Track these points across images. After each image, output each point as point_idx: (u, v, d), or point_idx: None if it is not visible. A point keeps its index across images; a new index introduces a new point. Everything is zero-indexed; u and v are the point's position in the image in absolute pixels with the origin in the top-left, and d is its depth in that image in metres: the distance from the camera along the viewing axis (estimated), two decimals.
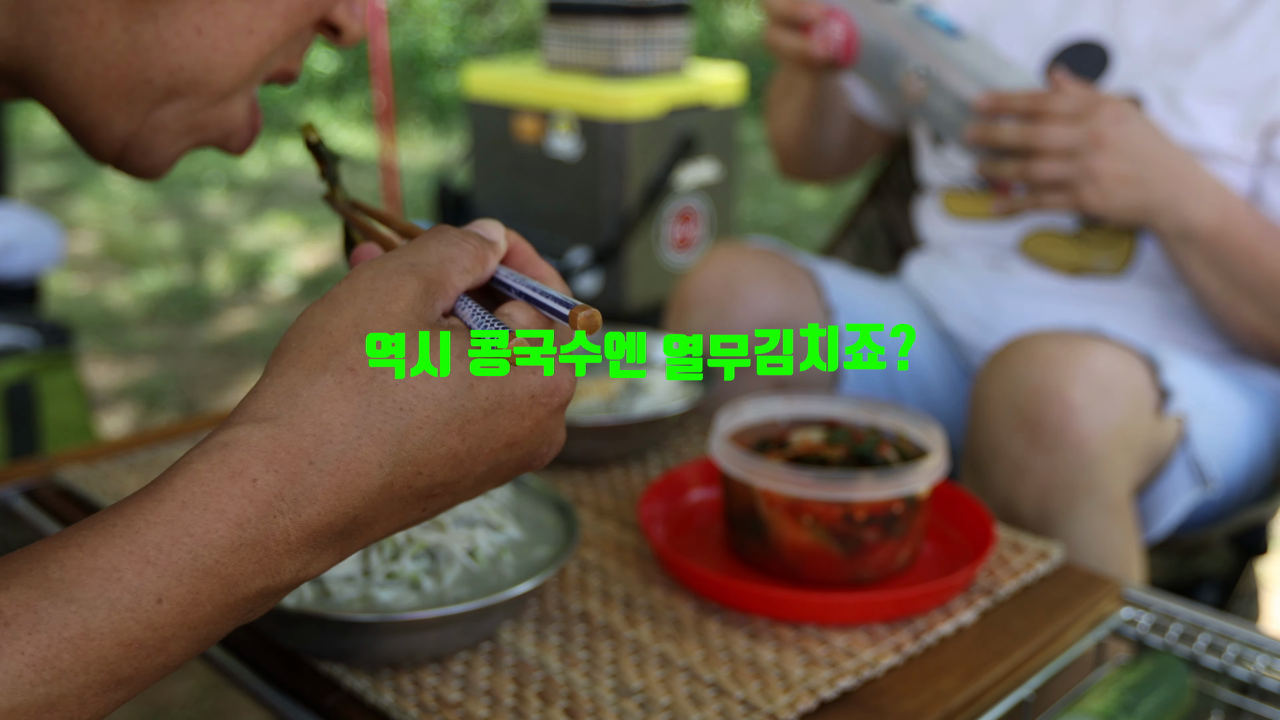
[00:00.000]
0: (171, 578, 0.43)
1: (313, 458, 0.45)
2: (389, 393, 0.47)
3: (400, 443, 0.47)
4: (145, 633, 0.42)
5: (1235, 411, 1.17)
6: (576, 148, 2.63)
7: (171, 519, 0.43)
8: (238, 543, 0.44)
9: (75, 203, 4.69)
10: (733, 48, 6.95)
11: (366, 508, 0.47)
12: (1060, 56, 1.25)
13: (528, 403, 0.50)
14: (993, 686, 0.79)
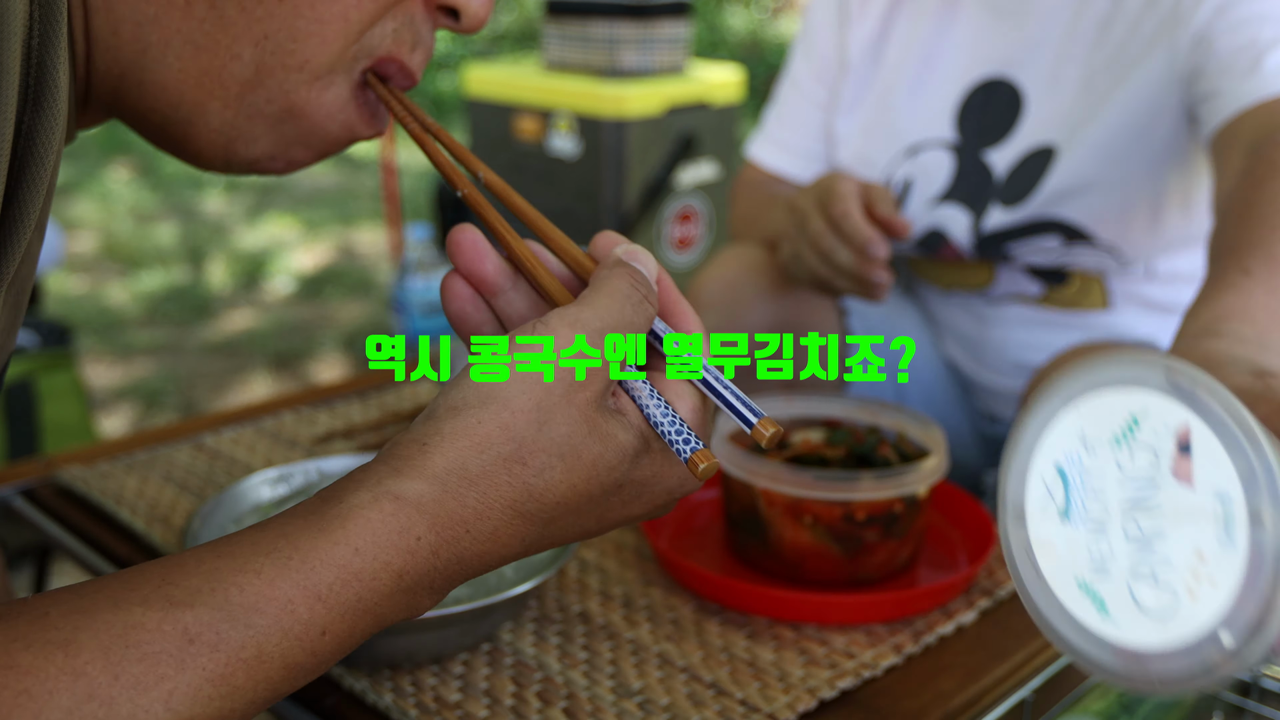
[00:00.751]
0: (337, 615, 0.47)
1: (470, 527, 0.49)
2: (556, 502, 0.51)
3: (545, 526, 0.51)
4: (308, 659, 0.47)
5: None
6: (576, 147, 2.63)
7: (344, 564, 0.47)
8: (396, 590, 0.48)
9: (75, 203, 4.69)
10: (733, 47, 6.95)
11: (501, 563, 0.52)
12: (970, 100, 1.22)
13: (664, 499, 0.54)
14: (993, 687, 0.79)
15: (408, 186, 4.78)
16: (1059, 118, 1.16)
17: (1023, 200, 1.17)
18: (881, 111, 1.29)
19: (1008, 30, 1.20)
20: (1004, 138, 1.19)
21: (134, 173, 5.18)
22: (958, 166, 1.22)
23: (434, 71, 6.71)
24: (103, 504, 0.99)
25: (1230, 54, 1.02)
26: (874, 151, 1.29)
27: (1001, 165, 1.20)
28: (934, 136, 1.24)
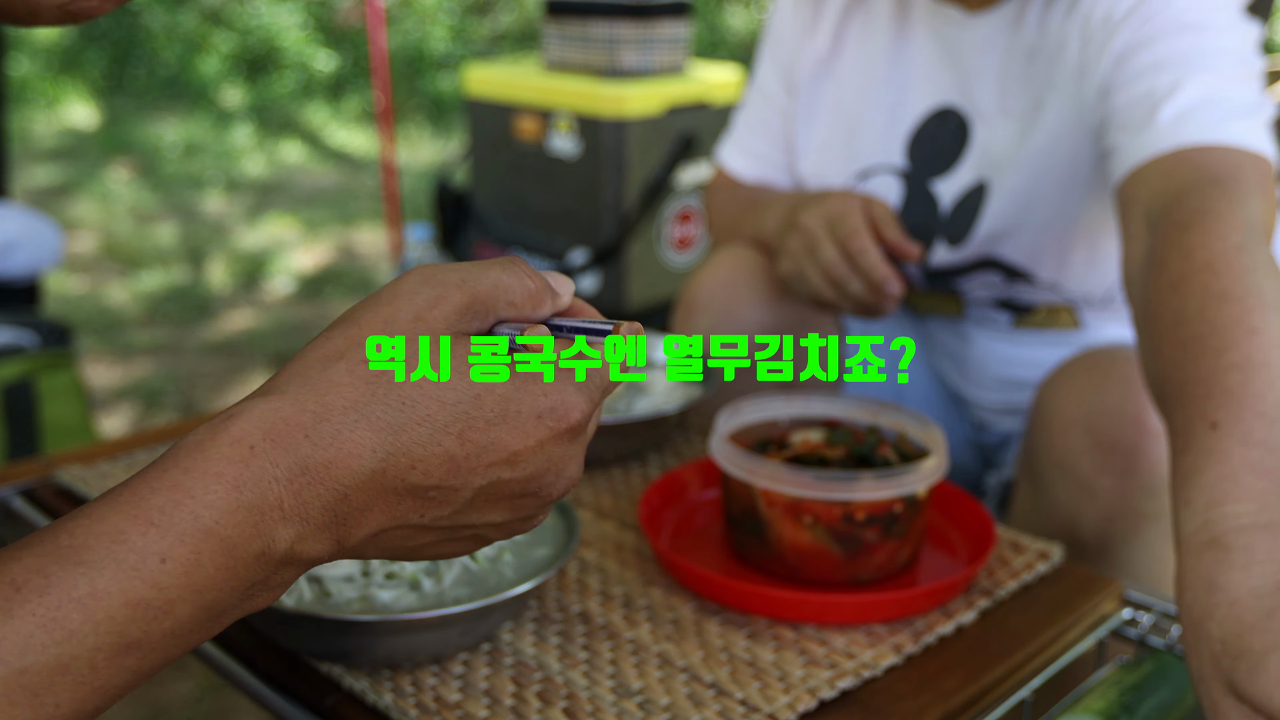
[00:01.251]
0: (174, 538, 0.44)
1: (309, 432, 0.47)
2: (395, 388, 0.49)
3: (396, 434, 0.48)
4: (151, 592, 0.44)
5: None
6: (576, 147, 2.63)
7: (174, 484, 0.45)
8: (235, 505, 0.46)
9: (74, 202, 4.69)
10: (733, 47, 6.95)
11: (357, 490, 0.48)
12: (922, 129, 1.20)
13: (533, 421, 0.51)
14: (993, 687, 0.79)
15: (408, 186, 4.78)
16: (994, 154, 1.15)
17: (963, 239, 1.16)
18: (836, 131, 1.27)
19: (956, 60, 1.18)
20: (950, 168, 1.18)
21: (134, 173, 5.19)
22: (906, 195, 1.21)
23: (434, 71, 6.71)
24: None
25: (1127, 107, 0.98)
26: (828, 171, 1.27)
27: (947, 197, 1.18)
28: (885, 162, 1.22)
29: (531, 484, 0.52)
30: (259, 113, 6.34)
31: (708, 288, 1.25)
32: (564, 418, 0.52)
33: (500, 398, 0.50)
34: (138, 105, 6.46)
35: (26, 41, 6.78)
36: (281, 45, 6.97)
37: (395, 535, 0.51)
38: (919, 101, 1.21)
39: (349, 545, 0.50)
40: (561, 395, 0.52)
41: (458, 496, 0.51)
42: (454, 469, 0.50)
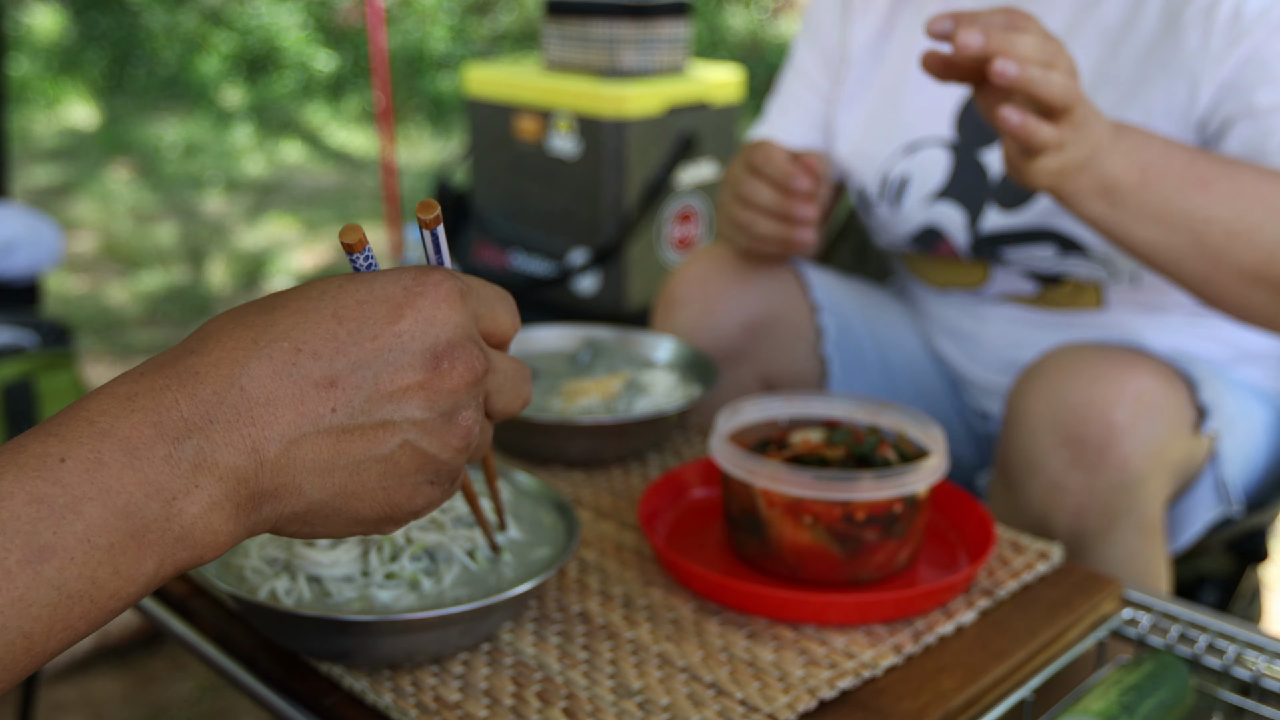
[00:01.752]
0: (71, 441, 0.46)
1: (192, 348, 0.51)
2: (265, 299, 0.53)
3: (270, 326, 0.51)
4: (54, 489, 0.45)
5: (1253, 420, 1.17)
6: (576, 147, 2.63)
7: (71, 408, 0.48)
8: (130, 410, 0.48)
9: (74, 202, 4.69)
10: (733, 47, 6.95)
11: (251, 380, 0.50)
12: (971, 102, 1.21)
13: (400, 294, 0.53)
14: (993, 687, 0.79)
15: (408, 186, 4.78)
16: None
17: (1021, 205, 1.17)
18: (883, 108, 1.29)
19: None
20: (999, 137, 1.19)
21: (134, 173, 5.18)
22: (954, 164, 1.22)
23: (434, 71, 6.71)
24: None
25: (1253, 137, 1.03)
26: (873, 147, 1.29)
27: (996, 165, 1.19)
28: (933, 134, 1.24)
29: (429, 359, 0.53)
30: (259, 113, 6.34)
31: (686, 284, 1.26)
32: (428, 283, 0.53)
33: (362, 281, 0.53)
34: (138, 105, 6.46)
35: (27, 41, 6.78)
36: (281, 45, 6.97)
37: (318, 445, 0.51)
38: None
39: (269, 453, 0.50)
40: (417, 270, 0.54)
41: (357, 379, 0.51)
42: (339, 347, 0.51)
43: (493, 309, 0.57)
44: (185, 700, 1.76)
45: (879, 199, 1.29)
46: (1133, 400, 0.97)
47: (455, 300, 0.54)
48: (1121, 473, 0.96)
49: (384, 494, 0.54)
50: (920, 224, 1.25)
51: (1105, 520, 0.98)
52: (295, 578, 0.78)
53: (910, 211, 1.25)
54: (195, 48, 7.03)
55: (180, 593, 0.87)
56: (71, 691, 1.77)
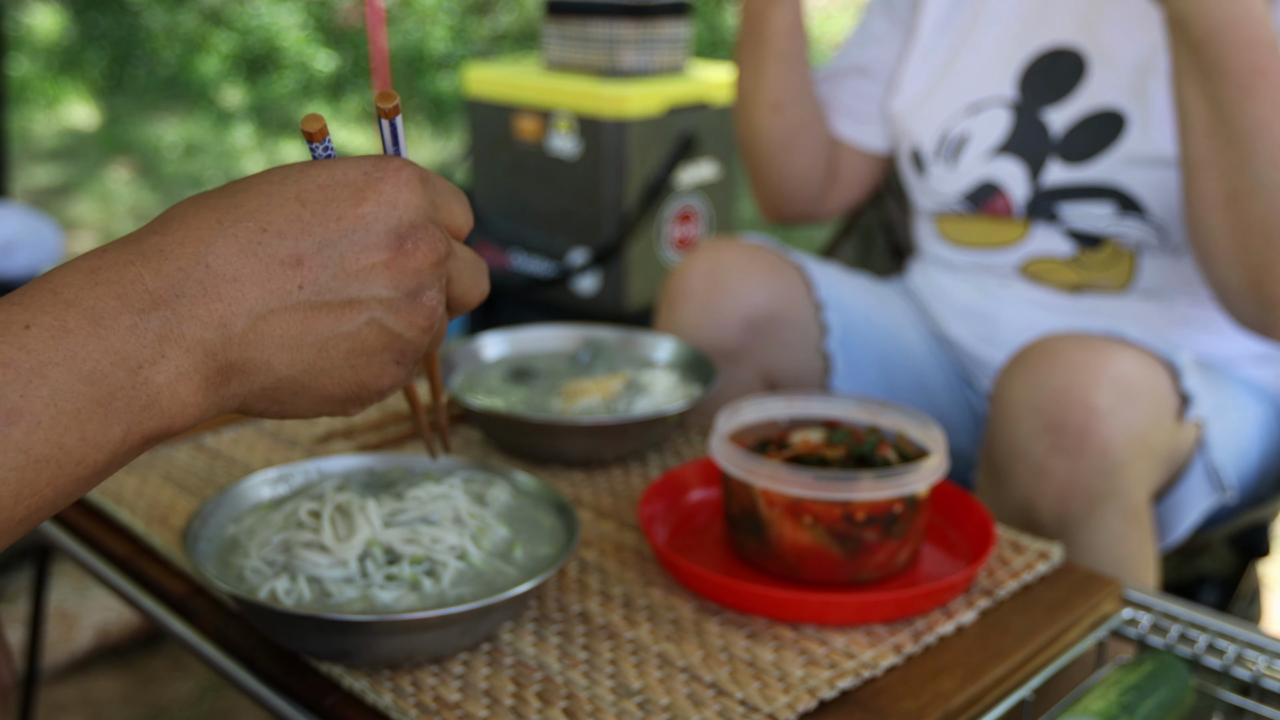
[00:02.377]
0: (36, 309, 0.47)
1: (155, 229, 0.51)
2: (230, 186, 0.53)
3: (235, 207, 0.52)
4: (19, 354, 0.45)
5: (1248, 413, 1.17)
6: (576, 147, 2.63)
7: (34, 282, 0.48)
8: (94, 282, 0.48)
9: (74, 202, 4.69)
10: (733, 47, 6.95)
11: (216, 257, 0.51)
12: (1035, 65, 1.24)
13: (362, 178, 0.54)
14: (993, 687, 0.79)
15: None
16: (1126, 85, 1.17)
17: (1087, 160, 1.19)
18: (946, 69, 1.32)
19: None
20: (1063, 98, 1.21)
21: (134, 173, 5.19)
22: (1015, 122, 1.24)
23: (434, 71, 6.71)
24: (102, 504, 0.99)
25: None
26: (934, 107, 1.31)
27: (1059, 123, 1.22)
28: (996, 94, 1.26)
29: (394, 239, 0.54)
30: (259, 113, 6.34)
31: (690, 278, 1.26)
32: (389, 167, 0.55)
33: (324, 166, 0.55)
34: (138, 105, 6.46)
35: (27, 41, 6.78)
36: (281, 45, 6.97)
37: (286, 320, 0.52)
38: (1032, 38, 1.25)
39: (237, 330, 0.51)
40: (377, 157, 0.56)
41: (325, 257, 0.53)
42: (304, 228, 0.52)
43: (449, 201, 0.58)
44: (185, 700, 1.76)
45: (935, 157, 1.30)
46: (1113, 385, 0.98)
47: (415, 185, 0.55)
48: (1103, 457, 0.97)
49: (351, 372, 0.55)
50: (977, 180, 1.26)
51: (1088, 505, 0.99)
52: (295, 578, 0.78)
53: (968, 167, 1.27)
54: (195, 48, 7.03)
55: (180, 593, 0.87)
56: (71, 692, 1.77)
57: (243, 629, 0.82)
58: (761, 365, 1.28)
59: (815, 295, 1.29)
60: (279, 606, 0.73)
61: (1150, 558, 1.04)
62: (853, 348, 1.31)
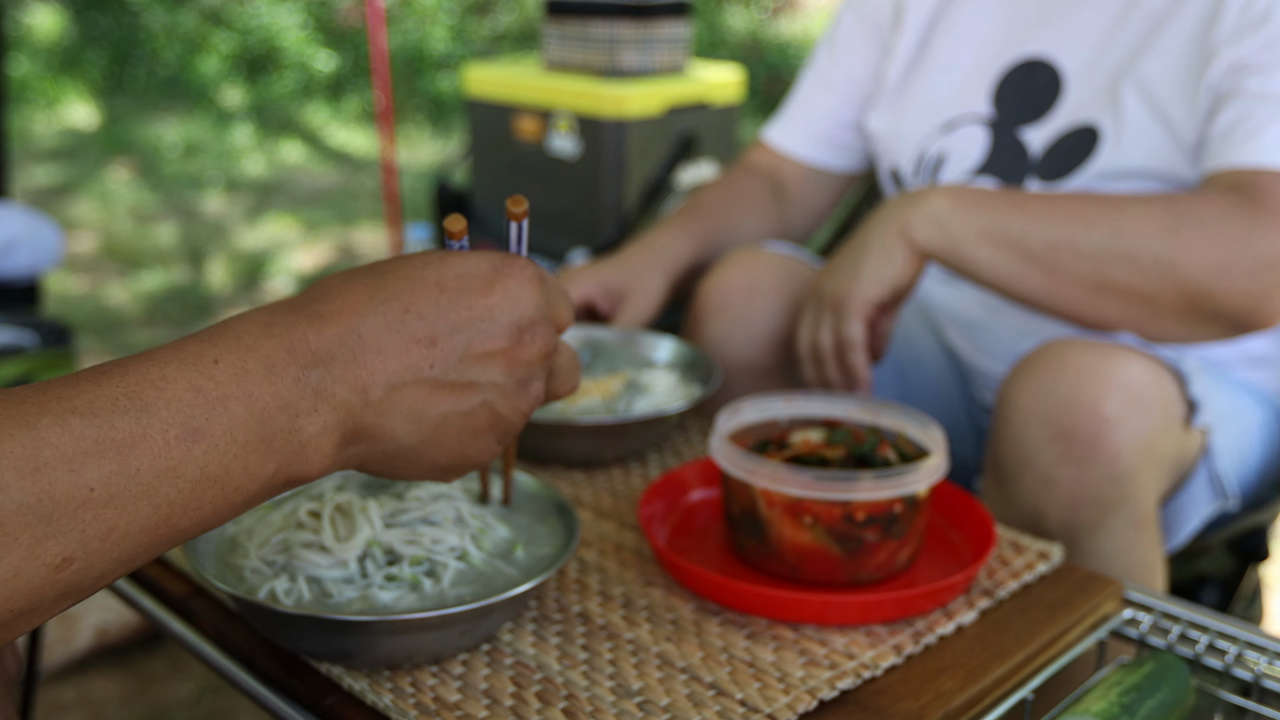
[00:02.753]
0: (223, 348, 0.54)
1: (315, 298, 0.59)
2: (377, 267, 0.61)
3: (382, 286, 0.60)
4: (208, 383, 0.52)
5: (1248, 417, 1.17)
6: (576, 147, 2.63)
7: (217, 326, 0.56)
8: (268, 334, 0.56)
9: (74, 202, 4.69)
10: (733, 47, 6.95)
11: (369, 332, 0.58)
12: (1008, 78, 1.23)
13: (491, 272, 0.62)
14: (993, 687, 0.78)
15: (408, 186, 4.78)
16: (1100, 98, 1.17)
17: (1064, 177, 1.18)
18: (920, 88, 1.31)
19: (1051, 9, 1.21)
20: (1041, 116, 1.21)
21: (133, 173, 5.18)
22: (993, 142, 1.23)
23: (434, 71, 6.71)
24: None
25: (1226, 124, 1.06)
26: (909, 127, 1.30)
27: (1038, 143, 1.20)
28: (970, 112, 1.25)
29: (514, 332, 0.62)
30: (259, 113, 6.34)
31: (722, 292, 1.24)
32: (515, 266, 0.63)
33: (459, 258, 0.62)
34: (138, 105, 6.46)
35: (27, 41, 6.78)
36: (281, 45, 6.97)
37: (415, 396, 0.59)
38: (1005, 50, 1.24)
39: (374, 398, 0.58)
40: (503, 255, 0.64)
41: (455, 341, 0.60)
42: (441, 312, 0.60)
43: (557, 299, 0.66)
44: (185, 701, 1.76)
45: (914, 177, 1.30)
46: (1122, 393, 0.97)
47: (536, 283, 0.63)
48: (1113, 465, 0.96)
49: (459, 445, 0.62)
50: None
51: (1097, 514, 0.98)
52: (295, 578, 0.78)
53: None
54: (195, 48, 7.03)
55: (180, 593, 0.87)
56: (71, 692, 1.77)
57: (242, 629, 0.82)
58: (787, 383, 1.27)
59: None
60: (279, 607, 0.73)
61: (1157, 564, 1.03)
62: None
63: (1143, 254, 1.01)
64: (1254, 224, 0.99)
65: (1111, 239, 1.02)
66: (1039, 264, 1.04)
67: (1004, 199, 1.06)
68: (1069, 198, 1.06)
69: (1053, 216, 1.04)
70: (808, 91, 1.44)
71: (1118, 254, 1.01)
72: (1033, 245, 1.04)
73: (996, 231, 1.05)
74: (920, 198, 1.08)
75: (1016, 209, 1.05)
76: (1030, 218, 1.04)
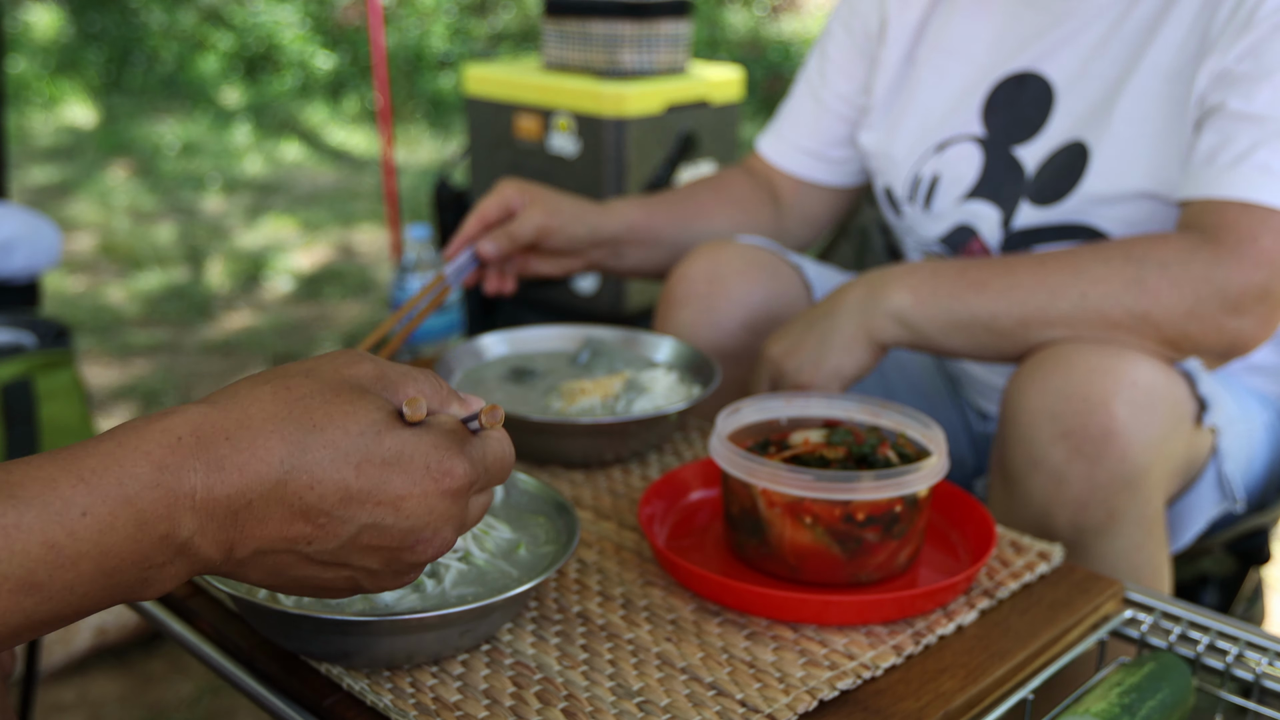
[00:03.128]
0: (98, 497, 0.51)
1: (230, 434, 0.54)
2: (309, 411, 0.56)
3: (303, 451, 0.55)
4: (66, 539, 0.50)
5: (1254, 421, 1.17)
6: (576, 146, 2.63)
7: (107, 453, 0.52)
8: (155, 483, 0.52)
9: (73, 202, 4.68)
10: (733, 47, 6.95)
11: (261, 498, 0.55)
12: (997, 93, 1.21)
13: (421, 470, 0.58)
14: (994, 687, 0.78)
15: (407, 186, 4.78)
16: (1090, 114, 1.15)
17: (1056, 201, 1.16)
18: (911, 109, 1.29)
19: (1042, 22, 1.19)
20: (1035, 134, 1.19)
21: (132, 172, 5.18)
22: (986, 162, 1.22)
23: (434, 71, 6.71)
24: None
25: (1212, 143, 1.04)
26: (901, 150, 1.29)
27: (1032, 162, 1.19)
28: (962, 132, 1.24)
29: (409, 537, 0.59)
30: (258, 112, 6.33)
31: (689, 281, 1.25)
32: (448, 473, 0.58)
33: (398, 439, 0.57)
34: (136, 104, 6.46)
35: (25, 40, 6.77)
36: (281, 44, 6.97)
37: (280, 560, 0.57)
38: (994, 67, 1.22)
39: (237, 556, 0.56)
40: (449, 453, 0.59)
41: (343, 530, 0.57)
42: (346, 499, 0.56)
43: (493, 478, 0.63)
44: (184, 701, 1.76)
45: (908, 200, 1.28)
46: (1133, 391, 0.97)
47: (460, 495, 0.60)
48: (1123, 464, 0.96)
49: (313, 593, 0.62)
50: (952, 224, 1.24)
51: (1107, 514, 0.97)
52: None
53: (942, 211, 1.25)
54: (194, 47, 7.02)
55: (179, 593, 0.87)
56: (70, 692, 1.77)
57: (242, 629, 0.82)
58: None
59: (813, 297, 1.29)
60: (279, 606, 0.73)
61: (1164, 565, 1.03)
62: None
63: (1114, 310, 1.01)
64: (1216, 262, 1.00)
65: (1080, 303, 1.02)
66: (1013, 338, 1.06)
67: (963, 280, 1.06)
68: (1027, 263, 1.06)
69: (1016, 291, 1.04)
70: (798, 103, 1.43)
71: (1089, 316, 1.02)
72: (1003, 325, 1.05)
73: (963, 319, 1.06)
74: (880, 294, 1.08)
75: (977, 291, 1.05)
76: (994, 298, 1.05)
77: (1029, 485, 1.01)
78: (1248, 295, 0.99)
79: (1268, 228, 0.99)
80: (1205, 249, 1.00)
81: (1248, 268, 0.99)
